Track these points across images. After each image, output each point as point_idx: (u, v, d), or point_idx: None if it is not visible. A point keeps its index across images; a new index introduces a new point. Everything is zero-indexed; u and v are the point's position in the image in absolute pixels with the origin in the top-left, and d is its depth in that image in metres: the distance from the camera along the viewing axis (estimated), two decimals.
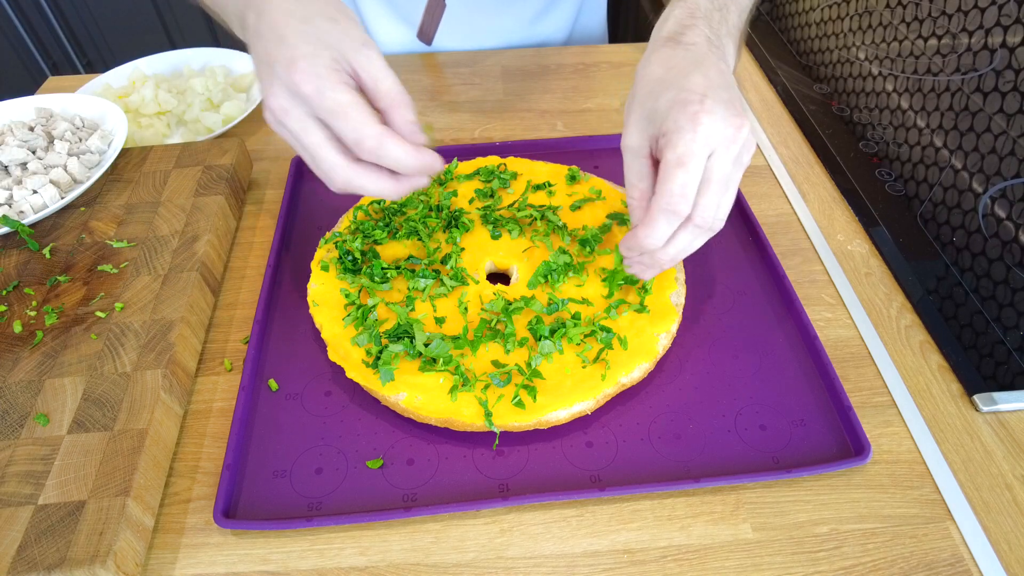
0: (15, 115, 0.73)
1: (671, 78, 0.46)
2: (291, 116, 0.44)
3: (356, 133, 0.44)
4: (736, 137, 0.44)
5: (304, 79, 0.43)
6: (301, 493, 0.48)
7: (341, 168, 0.45)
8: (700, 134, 0.43)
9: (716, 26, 0.51)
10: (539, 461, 0.49)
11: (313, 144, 0.45)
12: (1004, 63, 0.83)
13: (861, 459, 0.47)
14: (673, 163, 0.43)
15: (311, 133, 0.44)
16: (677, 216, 0.44)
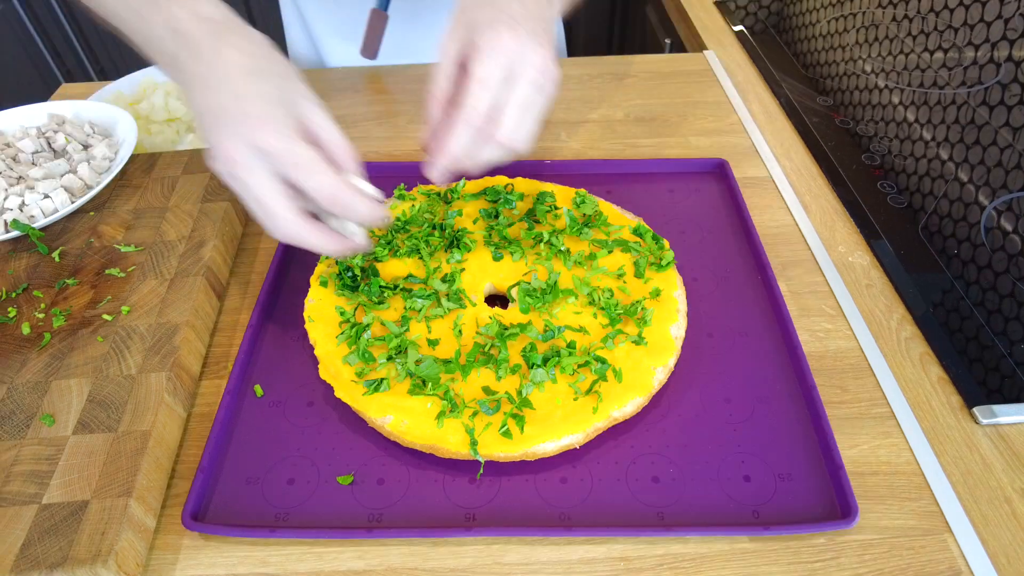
0: (29, 121, 0.75)
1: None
2: (249, 169, 0.45)
3: (321, 186, 0.46)
4: (541, 65, 0.48)
5: (269, 137, 0.44)
6: (270, 502, 0.48)
7: (292, 223, 0.47)
8: (506, 56, 0.47)
9: None
10: (510, 494, 0.48)
11: (268, 196, 0.46)
12: (1010, 76, 0.84)
13: (847, 523, 0.45)
14: (476, 80, 0.47)
15: (267, 186, 0.46)
16: (475, 129, 0.48)
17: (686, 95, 0.88)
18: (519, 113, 0.48)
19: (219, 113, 0.45)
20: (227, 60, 0.47)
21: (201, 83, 0.47)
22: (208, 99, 0.46)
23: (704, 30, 1.04)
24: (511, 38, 0.47)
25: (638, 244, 0.61)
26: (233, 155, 0.45)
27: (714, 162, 0.75)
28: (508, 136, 0.49)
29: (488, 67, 0.47)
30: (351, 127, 0.84)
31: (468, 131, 0.48)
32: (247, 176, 0.45)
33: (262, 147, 0.44)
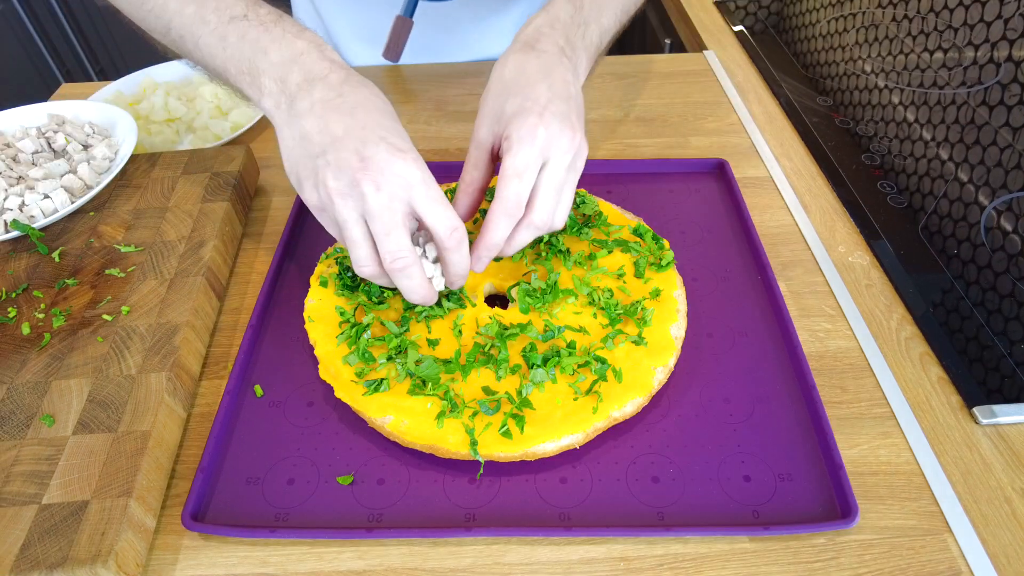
0: (29, 121, 0.75)
1: (520, 83, 0.50)
2: (384, 191, 0.45)
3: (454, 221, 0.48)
4: (570, 147, 0.49)
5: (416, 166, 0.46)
6: (270, 502, 0.48)
7: (410, 251, 0.47)
8: (536, 146, 0.48)
9: (573, 38, 0.55)
10: (510, 494, 0.48)
11: (395, 223, 0.46)
12: (1010, 76, 0.84)
13: (847, 523, 0.45)
14: (511, 172, 0.48)
15: (397, 213, 0.46)
16: (513, 218, 0.49)
17: (686, 95, 0.88)
18: (553, 195, 0.50)
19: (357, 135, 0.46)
20: (363, 96, 0.48)
21: (330, 108, 0.47)
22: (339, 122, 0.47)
23: (704, 30, 1.04)
24: (540, 126, 0.48)
25: (638, 244, 0.61)
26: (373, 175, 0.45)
27: (714, 162, 0.75)
28: (542, 219, 0.50)
29: (520, 158, 0.48)
30: None
31: (506, 221, 0.49)
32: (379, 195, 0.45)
33: (404, 173, 0.46)
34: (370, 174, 0.45)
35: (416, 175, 0.46)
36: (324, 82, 0.48)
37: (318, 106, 0.48)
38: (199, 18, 0.52)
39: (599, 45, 0.59)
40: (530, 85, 0.50)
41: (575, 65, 0.54)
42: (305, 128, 0.48)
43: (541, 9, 0.56)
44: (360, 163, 0.45)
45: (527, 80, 0.50)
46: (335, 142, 0.46)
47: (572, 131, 0.49)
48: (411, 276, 0.48)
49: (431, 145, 0.81)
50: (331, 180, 0.46)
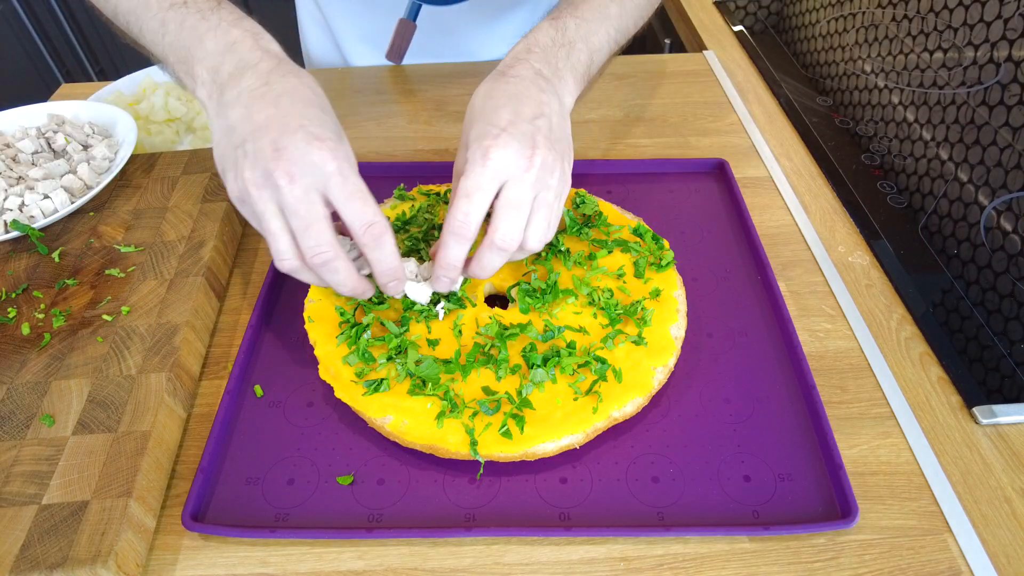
0: (29, 121, 0.75)
1: (485, 110, 0.49)
2: (297, 183, 0.44)
3: (370, 217, 0.46)
4: (528, 166, 0.47)
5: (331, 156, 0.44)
6: (270, 503, 0.48)
7: (330, 245, 0.46)
8: (488, 168, 0.47)
9: (554, 60, 0.54)
10: (510, 494, 0.48)
11: (313, 216, 0.45)
12: (1010, 76, 0.84)
13: (847, 523, 0.45)
14: (460, 194, 0.47)
15: (315, 205, 0.45)
16: (463, 239, 0.48)
17: (686, 95, 0.88)
18: (513, 214, 0.48)
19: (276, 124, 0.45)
20: (291, 85, 0.47)
21: (255, 96, 0.46)
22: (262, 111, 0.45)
23: (704, 30, 1.04)
24: (494, 147, 0.47)
25: (638, 244, 0.61)
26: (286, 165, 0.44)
27: (714, 162, 0.75)
28: (504, 239, 0.48)
29: (471, 180, 0.47)
30: (351, 127, 0.84)
31: (455, 241, 0.48)
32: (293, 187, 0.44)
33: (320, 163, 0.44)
34: (283, 164, 0.44)
35: (331, 165, 0.44)
36: (253, 71, 0.47)
37: (244, 95, 0.47)
38: (142, 3, 0.52)
39: (589, 64, 0.57)
40: (495, 111, 0.49)
41: (556, 87, 0.53)
42: (230, 118, 0.47)
43: (522, 36, 0.55)
44: (274, 153, 0.44)
45: (492, 106, 0.49)
46: (255, 132, 0.45)
47: (531, 149, 0.47)
48: (335, 271, 0.47)
49: (431, 145, 0.81)
50: (247, 171, 0.45)
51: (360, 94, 0.90)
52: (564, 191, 0.51)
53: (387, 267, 0.48)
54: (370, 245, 0.47)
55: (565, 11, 0.57)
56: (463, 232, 0.48)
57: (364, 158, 0.79)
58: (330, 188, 0.45)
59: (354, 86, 0.92)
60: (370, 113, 0.86)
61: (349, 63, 1.00)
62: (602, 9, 0.59)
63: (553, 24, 0.56)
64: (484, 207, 0.48)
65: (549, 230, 0.51)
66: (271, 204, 0.45)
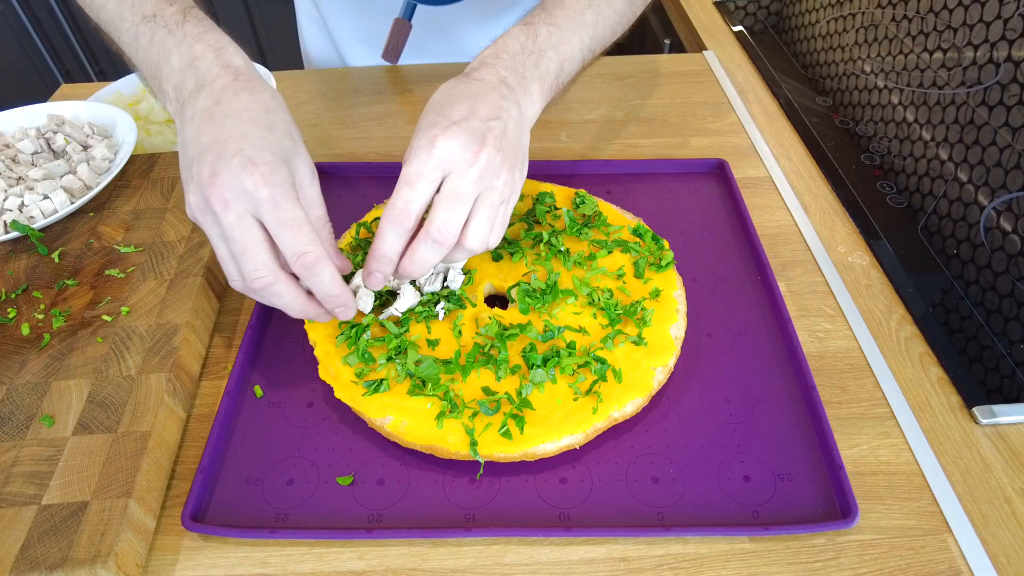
0: (28, 121, 0.74)
1: (440, 105, 0.49)
2: (231, 209, 0.44)
3: (301, 247, 0.45)
4: (474, 161, 0.46)
5: (263, 182, 0.43)
6: (270, 503, 0.48)
7: (267, 269, 0.45)
8: (433, 156, 0.46)
9: (521, 68, 0.53)
10: (510, 494, 0.48)
11: (247, 241, 0.44)
12: (1009, 76, 0.84)
13: (847, 523, 0.45)
14: (402, 181, 0.46)
15: (249, 230, 0.44)
16: (402, 228, 0.47)
17: (686, 95, 0.88)
18: (450, 206, 0.46)
19: (216, 147, 0.44)
20: (241, 104, 0.46)
21: (205, 116, 0.46)
22: (209, 132, 0.45)
23: (704, 30, 1.04)
24: (439, 138, 0.46)
25: (638, 244, 0.61)
26: (220, 190, 0.43)
27: (714, 162, 0.75)
28: (443, 233, 0.46)
29: (413, 167, 0.46)
30: (351, 127, 0.84)
31: (394, 231, 0.47)
32: (227, 213, 0.44)
33: (253, 191, 0.44)
34: (217, 190, 0.43)
35: (262, 193, 0.43)
36: (209, 89, 0.47)
37: (198, 115, 0.46)
38: (118, 14, 0.52)
39: (558, 74, 0.56)
40: (451, 105, 0.48)
41: (518, 96, 0.51)
42: (185, 138, 0.47)
43: (493, 41, 0.54)
44: (211, 178, 0.44)
45: (449, 100, 0.49)
46: (199, 154, 0.45)
47: (479, 145, 0.46)
48: (277, 295, 0.46)
49: None
50: (191, 195, 0.45)
51: (360, 94, 0.90)
52: (512, 198, 0.50)
53: (327, 295, 0.47)
54: (304, 275, 0.46)
55: (538, 17, 0.56)
56: (402, 221, 0.46)
57: (364, 158, 0.79)
58: (262, 215, 0.44)
59: (354, 86, 0.92)
60: (370, 113, 0.86)
61: (347, 63, 1.00)
62: (577, 16, 0.57)
63: (524, 30, 0.55)
64: (426, 196, 0.46)
65: (493, 233, 0.49)
66: (215, 228, 0.45)
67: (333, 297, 0.48)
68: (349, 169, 0.76)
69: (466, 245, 0.48)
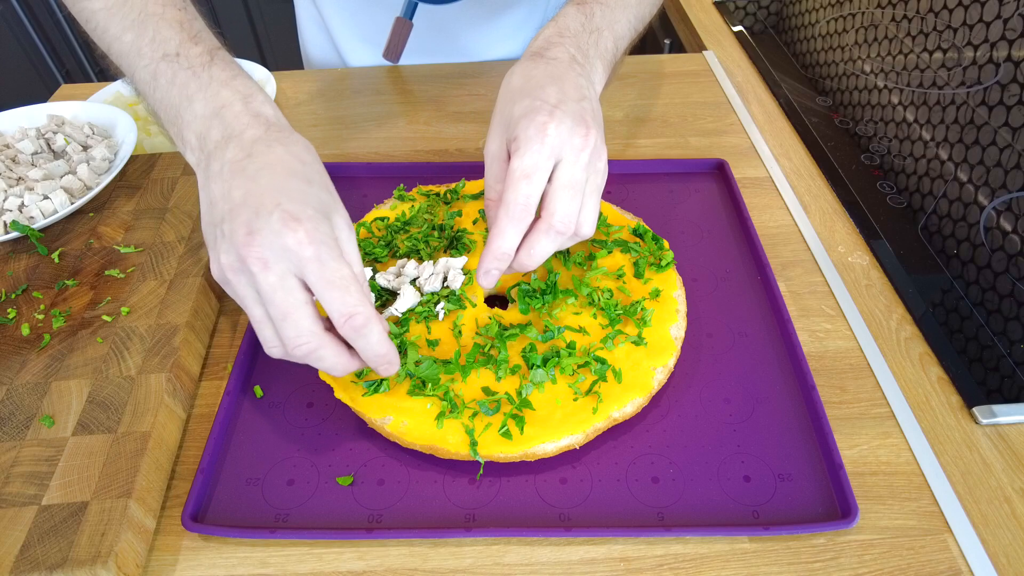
0: (28, 121, 0.75)
1: (528, 88, 0.48)
2: (272, 270, 0.41)
3: (349, 308, 0.42)
4: (584, 145, 0.46)
5: (308, 240, 0.40)
6: (270, 503, 0.48)
7: (311, 334, 0.42)
8: (547, 144, 0.45)
9: (585, 47, 0.53)
10: (510, 494, 0.48)
11: (290, 305, 0.41)
12: (1009, 76, 0.84)
13: (847, 523, 0.45)
14: (518, 174, 0.45)
15: (292, 292, 0.41)
16: (522, 223, 0.46)
17: (685, 95, 0.88)
18: (571, 195, 0.46)
19: (251, 203, 0.41)
20: (275, 156, 0.43)
21: (236, 170, 0.43)
22: (241, 187, 0.42)
23: (703, 30, 1.04)
24: (549, 124, 0.45)
25: (637, 244, 0.61)
26: (258, 250, 0.40)
27: (713, 162, 0.75)
28: (564, 222, 0.46)
29: (528, 158, 0.45)
30: (351, 128, 0.84)
31: (513, 227, 0.46)
32: (267, 275, 0.41)
33: (295, 248, 0.40)
34: (255, 250, 0.40)
35: (307, 252, 0.40)
36: (238, 140, 0.44)
37: (226, 168, 0.43)
38: (135, 49, 0.48)
39: (615, 52, 0.56)
40: (540, 87, 0.47)
41: (589, 73, 0.52)
42: (213, 193, 0.44)
43: (551, 20, 0.54)
44: (247, 237, 0.40)
45: (536, 83, 0.48)
46: (232, 211, 0.42)
47: (586, 128, 0.46)
48: (321, 359, 0.43)
49: (431, 146, 0.81)
50: (223, 254, 0.42)
51: (360, 94, 0.90)
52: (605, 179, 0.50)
53: (374, 355, 0.44)
54: (352, 337, 0.43)
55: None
56: (524, 217, 0.45)
57: (364, 158, 0.79)
58: (307, 275, 0.41)
59: (354, 86, 0.92)
60: (370, 113, 0.86)
61: (347, 63, 1.00)
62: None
63: (580, 10, 0.54)
64: (542, 187, 0.45)
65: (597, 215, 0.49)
66: (249, 290, 0.42)
67: (380, 356, 0.45)
68: (349, 169, 0.76)
69: (582, 233, 0.48)
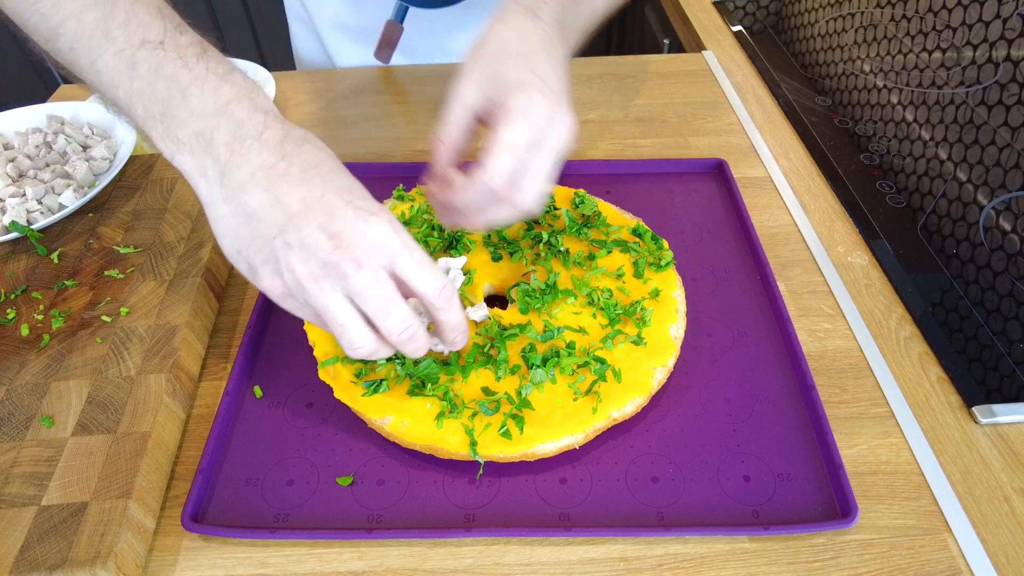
0: (28, 122, 0.74)
1: (524, 51, 0.46)
2: (366, 267, 0.40)
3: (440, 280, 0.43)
4: (566, 135, 0.46)
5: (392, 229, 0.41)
6: (270, 503, 0.48)
7: (413, 317, 0.43)
8: (535, 124, 0.44)
9: (566, 14, 0.51)
10: (509, 494, 0.48)
11: (388, 295, 0.41)
12: (1008, 76, 0.84)
13: (846, 523, 0.45)
14: (506, 144, 0.44)
15: (386, 284, 0.41)
16: (491, 191, 0.45)
17: (685, 95, 0.88)
18: (543, 181, 0.46)
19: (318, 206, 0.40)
20: (311, 156, 0.42)
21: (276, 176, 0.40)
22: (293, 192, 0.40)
23: (703, 30, 1.04)
24: (543, 105, 0.45)
25: (637, 244, 0.61)
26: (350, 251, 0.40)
27: (713, 162, 0.75)
28: (525, 201, 0.46)
29: (517, 132, 0.44)
30: (351, 128, 0.84)
31: (485, 192, 0.45)
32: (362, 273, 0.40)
33: (384, 240, 0.40)
34: (347, 251, 0.39)
35: (395, 240, 0.41)
36: (260, 143, 0.41)
37: (260, 175, 0.40)
38: (102, 31, 0.41)
39: (586, 29, 0.55)
40: (535, 56, 0.46)
41: (568, 42, 0.51)
42: (250, 205, 0.40)
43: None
44: (331, 241, 0.39)
45: (530, 49, 0.46)
46: (293, 219, 0.39)
47: (570, 115, 0.46)
48: (417, 340, 0.44)
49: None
50: (298, 265, 0.40)
51: (360, 95, 0.90)
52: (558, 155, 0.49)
53: (456, 323, 0.45)
54: (444, 308, 0.44)
55: None
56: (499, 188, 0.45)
57: (363, 158, 0.79)
58: (398, 263, 0.41)
59: (353, 87, 0.92)
60: (369, 114, 0.86)
61: (334, 62, 1.00)
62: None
63: None
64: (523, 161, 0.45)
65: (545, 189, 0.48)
66: (335, 295, 0.41)
67: (460, 324, 0.46)
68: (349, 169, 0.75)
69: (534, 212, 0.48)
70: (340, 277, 0.40)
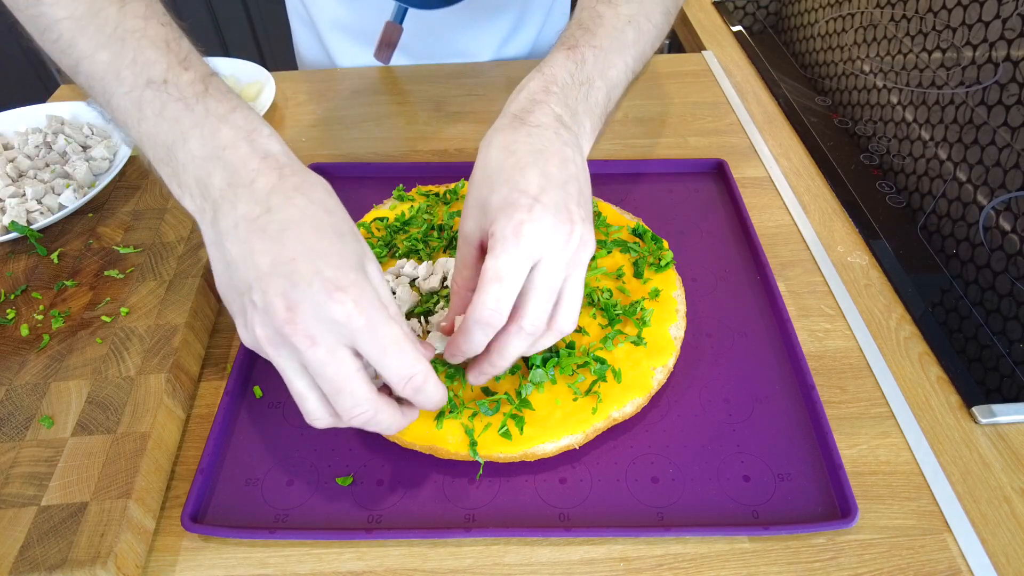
0: (27, 122, 0.74)
1: (508, 168, 0.43)
2: (320, 345, 0.38)
3: (407, 369, 0.40)
4: (565, 244, 0.42)
5: (357, 310, 0.38)
6: (270, 504, 0.48)
7: (368, 402, 0.40)
8: (522, 246, 0.41)
9: (573, 103, 0.48)
10: (509, 494, 0.48)
11: (343, 376, 0.39)
12: (1008, 76, 0.84)
13: (846, 523, 0.45)
14: (491, 276, 0.41)
15: (344, 363, 0.38)
16: (491, 327, 0.42)
17: (685, 95, 0.88)
18: (548, 297, 0.43)
19: (283, 271, 0.38)
20: (297, 210, 0.39)
21: (254, 229, 0.39)
22: (266, 252, 0.38)
23: (703, 30, 1.04)
24: (527, 222, 0.41)
25: (637, 244, 0.61)
26: (303, 326, 0.37)
27: (713, 162, 0.75)
28: (535, 324, 0.43)
29: (502, 260, 0.41)
30: (351, 128, 0.84)
31: (480, 330, 0.42)
32: (315, 350, 0.38)
33: (344, 320, 0.37)
34: (300, 327, 0.37)
35: (358, 321, 0.37)
36: (249, 191, 0.39)
37: (242, 226, 0.39)
38: (113, 72, 0.42)
39: (607, 104, 0.51)
40: (519, 171, 0.43)
41: (576, 136, 0.47)
42: (230, 255, 0.40)
43: (535, 69, 0.49)
44: (287, 313, 0.37)
45: (516, 164, 0.43)
46: (260, 279, 0.38)
47: (569, 224, 0.42)
48: (378, 423, 0.41)
49: (430, 146, 0.81)
50: (258, 328, 0.39)
51: (360, 95, 0.90)
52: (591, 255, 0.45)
53: (434, 405, 0.42)
54: (413, 396, 0.41)
55: (581, 40, 0.50)
56: (492, 321, 0.42)
57: (363, 158, 0.79)
58: (359, 344, 0.38)
59: (354, 87, 0.92)
60: (369, 113, 0.86)
61: (335, 62, 1.00)
62: (619, 35, 0.52)
63: (570, 56, 0.49)
64: (516, 291, 0.42)
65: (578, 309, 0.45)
66: (291, 363, 0.39)
67: (437, 404, 0.42)
68: (349, 169, 0.75)
69: (560, 329, 0.45)
70: (293, 349, 0.38)
